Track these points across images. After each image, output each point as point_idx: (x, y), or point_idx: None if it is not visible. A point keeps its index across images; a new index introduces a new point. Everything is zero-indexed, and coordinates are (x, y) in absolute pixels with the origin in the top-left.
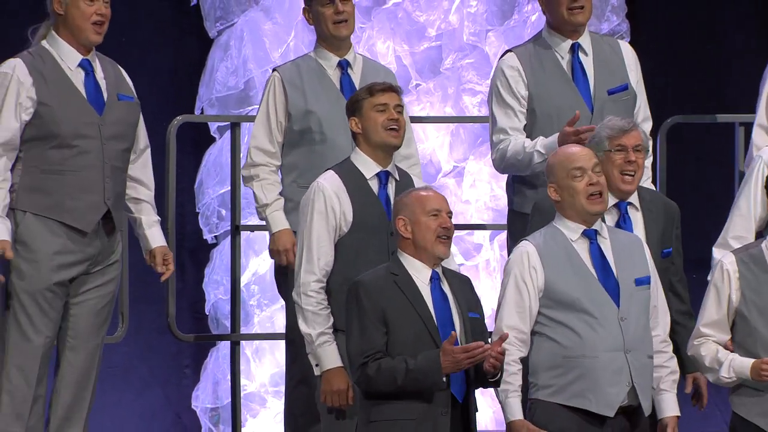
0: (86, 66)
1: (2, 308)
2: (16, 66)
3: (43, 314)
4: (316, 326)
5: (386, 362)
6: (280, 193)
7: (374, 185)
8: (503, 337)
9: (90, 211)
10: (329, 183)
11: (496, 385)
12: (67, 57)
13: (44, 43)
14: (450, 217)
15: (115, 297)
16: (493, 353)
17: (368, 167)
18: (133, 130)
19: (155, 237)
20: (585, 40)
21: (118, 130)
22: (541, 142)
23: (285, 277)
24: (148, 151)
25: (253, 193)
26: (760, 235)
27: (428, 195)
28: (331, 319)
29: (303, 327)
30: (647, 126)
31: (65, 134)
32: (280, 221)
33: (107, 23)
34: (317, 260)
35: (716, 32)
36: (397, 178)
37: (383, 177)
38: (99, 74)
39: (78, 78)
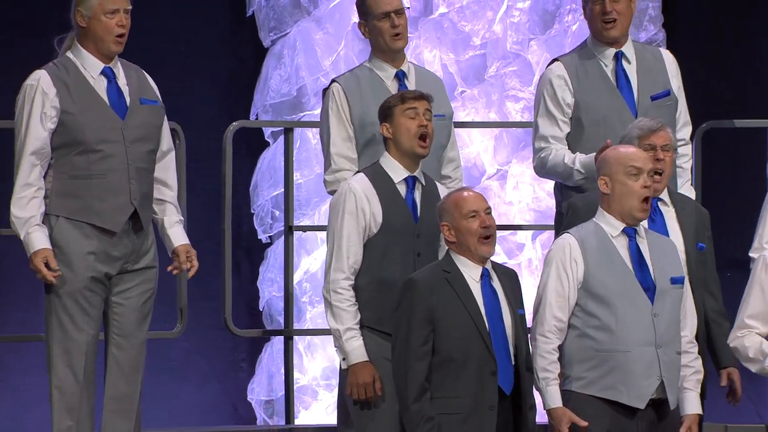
0: (108, 74)
1: (45, 309)
2: (41, 78)
3: (84, 313)
4: (345, 322)
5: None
6: None
7: (402, 189)
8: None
9: (117, 212)
10: (360, 185)
11: None
12: (90, 66)
13: (69, 53)
14: (488, 214)
15: (154, 294)
16: None
17: (397, 172)
18: (157, 132)
19: (177, 236)
20: (628, 49)
21: (141, 133)
22: (579, 161)
23: None
24: (172, 153)
25: None
26: None
27: (464, 197)
28: (359, 316)
29: (331, 322)
30: (687, 130)
31: (89, 140)
32: None
33: (127, 33)
34: (347, 258)
35: (749, 41)
36: (423, 183)
37: (410, 182)
38: (121, 81)
39: (100, 85)
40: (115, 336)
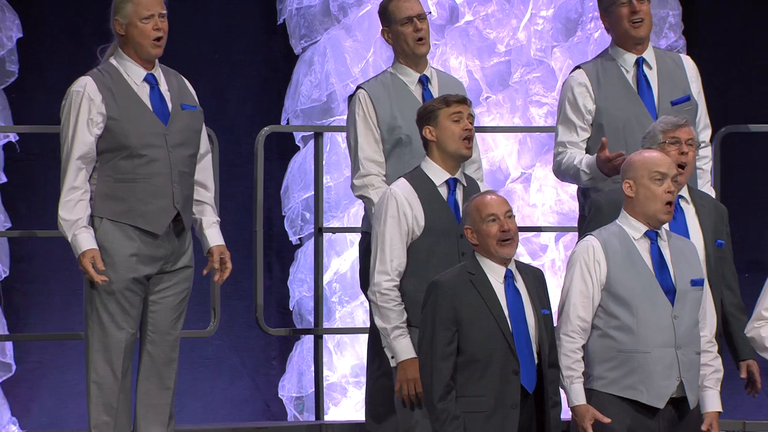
0: (151, 80)
1: (85, 307)
2: (87, 84)
3: (124, 312)
4: (391, 321)
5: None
6: None
7: (443, 191)
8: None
9: (161, 215)
10: (401, 190)
11: None
12: (133, 73)
13: (112, 60)
14: (509, 217)
15: (189, 294)
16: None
17: (438, 175)
18: (197, 137)
19: (213, 236)
20: (649, 55)
21: (183, 138)
22: (585, 162)
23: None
24: (209, 156)
25: (369, 199)
26: None
27: (484, 201)
28: (405, 315)
29: (379, 322)
30: (707, 133)
31: (134, 145)
32: None
33: (166, 36)
34: (390, 261)
35: (767, 48)
36: (465, 184)
37: (452, 183)
38: (163, 87)
39: (144, 92)
40: (150, 333)
